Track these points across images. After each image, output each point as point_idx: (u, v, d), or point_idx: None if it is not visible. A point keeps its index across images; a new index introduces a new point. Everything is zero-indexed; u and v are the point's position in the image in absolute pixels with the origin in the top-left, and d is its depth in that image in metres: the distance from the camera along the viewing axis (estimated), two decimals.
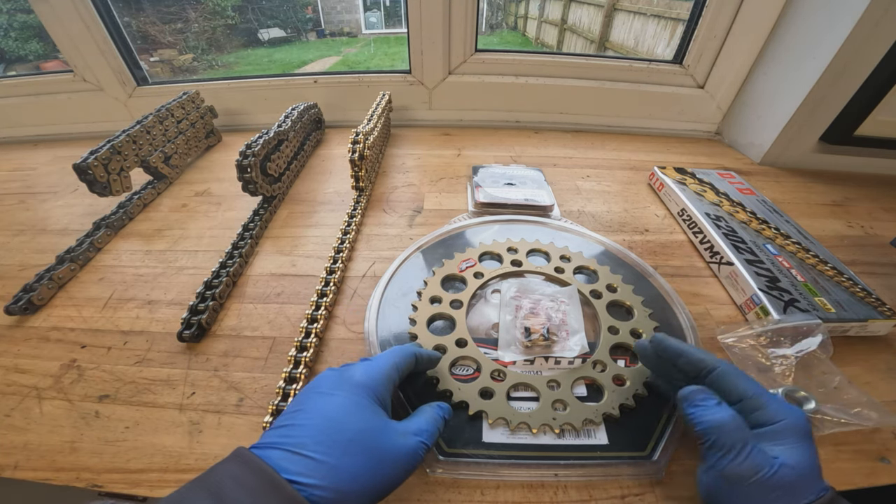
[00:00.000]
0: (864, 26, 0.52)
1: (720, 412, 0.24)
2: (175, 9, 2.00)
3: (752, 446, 0.23)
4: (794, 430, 0.23)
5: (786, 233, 0.48)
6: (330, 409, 0.23)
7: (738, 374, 0.26)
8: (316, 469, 0.20)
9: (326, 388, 0.25)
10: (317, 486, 0.20)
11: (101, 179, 0.49)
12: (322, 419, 0.23)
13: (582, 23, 3.51)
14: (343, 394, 0.24)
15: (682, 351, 0.29)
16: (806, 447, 0.23)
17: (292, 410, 0.24)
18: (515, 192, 0.55)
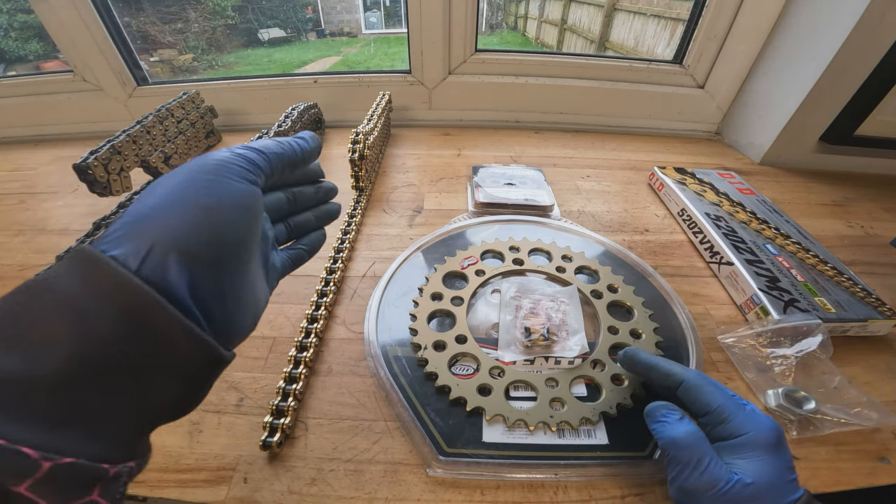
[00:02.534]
0: (864, 26, 0.52)
1: (679, 427, 0.25)
2: (175, 9, 2.00)
3: (708, 460, 0.23)
4: (756, 442, 0.23)
5: (786, 233, 0.48)
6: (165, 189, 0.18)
7: (703, 386, 0.26)
8: (120, 224, 0.16)
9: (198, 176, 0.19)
10: (119, 236, 0.16)
11: (101, 179, 0.49)
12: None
13: (582, 23, 3.51)
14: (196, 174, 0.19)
15: (651, 365, 0.29)
16: (770, 459, 0.23)
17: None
18: (515, 192, 0.55)
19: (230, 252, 0.18)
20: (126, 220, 0.16)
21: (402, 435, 0.30)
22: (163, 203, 0.17)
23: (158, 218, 0.16)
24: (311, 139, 0.25)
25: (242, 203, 0.19)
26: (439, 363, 0.33)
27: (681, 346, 0.37)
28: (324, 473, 0.28)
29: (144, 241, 0.16)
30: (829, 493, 0.28)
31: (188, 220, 0.16)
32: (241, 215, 0.18)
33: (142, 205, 0.17)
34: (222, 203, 0.18)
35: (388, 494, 0.27)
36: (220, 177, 0.18)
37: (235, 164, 0.19)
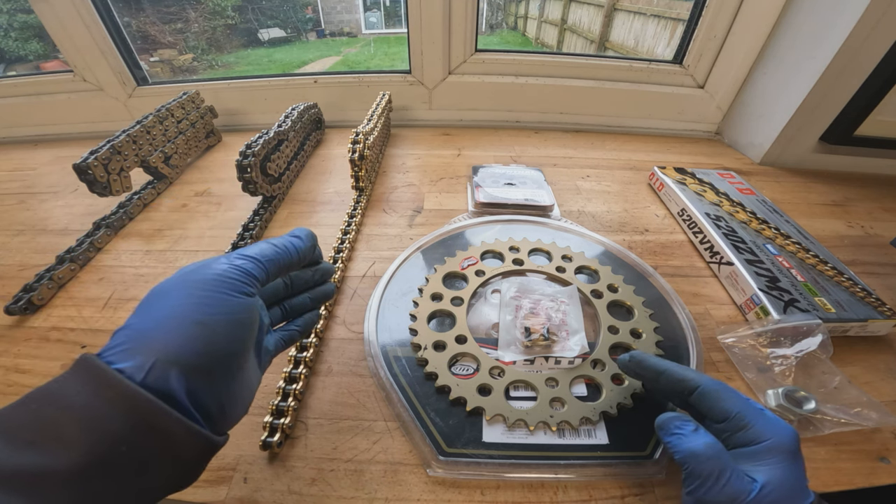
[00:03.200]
0: (864, 26, 0.52)
1: (696, 440, 0.24)
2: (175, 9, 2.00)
3: (729, 473, 0.22)
4: (778, 449, 0.23)
5: (786, 233, 0.48)
6: (162, 302, 0.20)
7: (720, 392, 0.26)
8: (125, 337, 0.18)
9: (178, 284, 0.21)
10: (124, 350, 0.18)
11: (101, 179, 0.49)
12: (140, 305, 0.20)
13: (582, 23, 3.51)
14: (193, 287, 0.20)
15: (662, 370, 0.28)
16: (790, 466, 0.23)
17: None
18: (515, 192, 0.55)
19: (224, 363, 0.20)
20: (129, 334, 0.18)
21: (402, 435, 0.30)
22: (163, 321, 0.19)
23: (160, 336, 0.18)
24: (306, 237, 0.26)
25: (237, 319, 0.20)
26: (439, 363, 0.33)
27: (681, 346, 0.37)
28: (324, 473, 0.28)
29: (147, 356, 0.18)
30: (829, 493, 0.28)
31: (186, 337, 0.18)
32: (235, 329, 0.20)
33: (143, 319, 0.19)
34: (217, 320, 0.19)
35: (388, 494, 0.27)
36: (217, 292, 0.20)
37: (232, 279, 0.21)
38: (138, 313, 0.19)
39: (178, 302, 0.19)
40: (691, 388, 0.26)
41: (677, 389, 0.27)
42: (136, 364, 0.17)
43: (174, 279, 0.20)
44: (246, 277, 0.21)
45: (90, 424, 0.16)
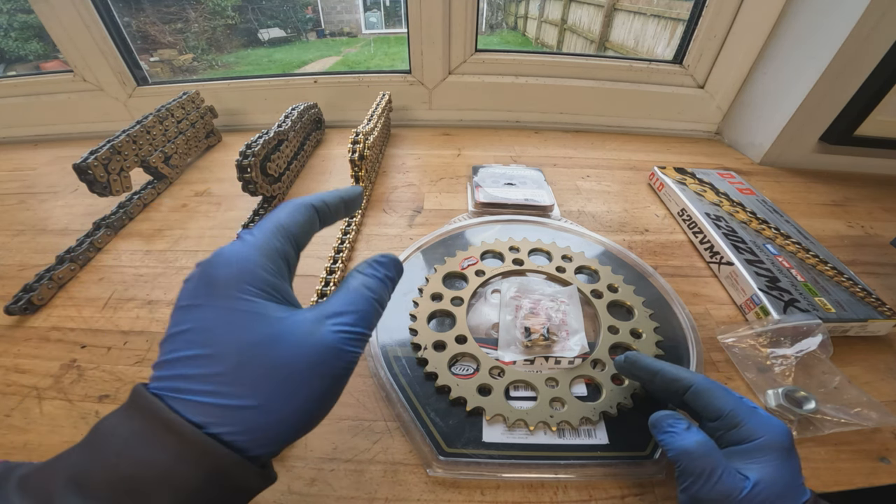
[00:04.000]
0: (864, 26, 0.52)
1: (688, 437, 0.24)
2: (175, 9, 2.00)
3: (721, 470, 0.22)
4: (770, 447, 0.23)
5: (786, 233, 0.48)
6: (202, 329, 0.17)
7: (713, 390, 0.26)
8: (214, 411, 0.16)
9: (199, 301, 0.18)
10: (228, 432, 0.16)
11: (101, 179, 0.49)
12: (195, 346, 0.17)
13: (582, 23, 3.51)
14: (209, 303, 0.17)
15: (656, 369, 0.28)
16: (783, 463, 0.23)
17: (170, 335, 0.17)
18: (515, 192, 0.55)
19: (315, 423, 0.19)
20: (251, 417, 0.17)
21: (402, 435, 0.30)
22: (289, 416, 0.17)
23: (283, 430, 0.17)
24: (396, 273, 0.24)
25: (338, 364, 0.18)
26: (439, 363, 0.33)
27: (681, 346, 0.37)
28: (324, 473, 0.28)
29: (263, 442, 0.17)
30: (829, 493, 0.28)
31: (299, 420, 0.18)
32: (334, 377, 0.18)
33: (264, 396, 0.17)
34: (329, 404, 0.19)
35: (388, 494, 0.27)
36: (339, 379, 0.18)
37: (353, 351, 0.19)
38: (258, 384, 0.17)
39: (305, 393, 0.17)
40: (685, 387, 0.27)
41: (672, 389, 0.27)
42: (240, 434, 0.16)
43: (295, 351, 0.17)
44: (361, 344, 0.19)
45: (176, 489, 0.15)
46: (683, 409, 0.28)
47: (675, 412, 0.26)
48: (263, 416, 0.16)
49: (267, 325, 0.17)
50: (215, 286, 0.17)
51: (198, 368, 0.16)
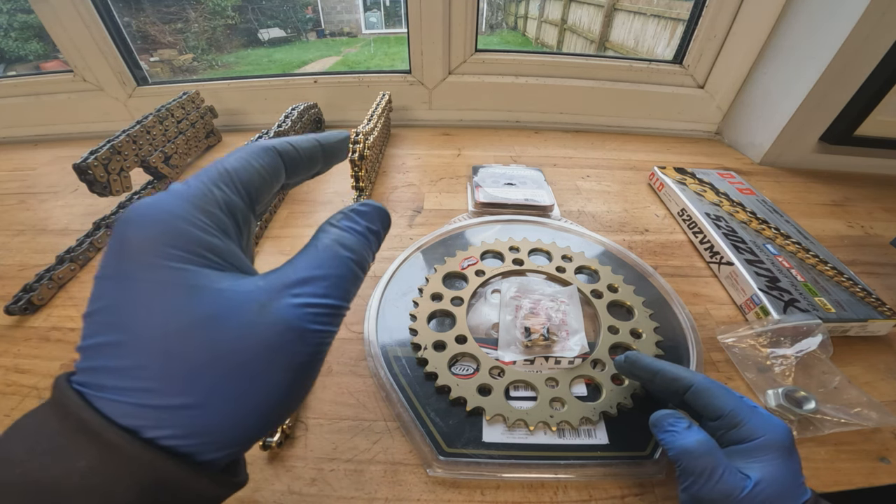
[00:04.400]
0: (864, 26, 0.52)
1: (689, 437, 0.24)
2: (175, 9, 2.00)
3: (722, 469, 0.22)
4: (771, 446, 0.23)
5: (786, 233, 0.48)
6: (121, 305, 0.13)
7: (713, 389, 0.26)
8: (154, 414, 0.13)
9: (112, 271, 0.14)
10: (168, 436, 0.13)
11: (101, 179, 0.49)
12: (124, 329, 0.13)
13: (582, 23, 3.51)
14: (123, 273, 0.13)
15: (657, 369, 0.28)
16: (784, 462, 0.23)
17: (87, 314, 0.14)
18: (515, 192, 0.55)
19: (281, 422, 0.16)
20: (184, 415, 0.13)
21: (402, 435, 0.30)
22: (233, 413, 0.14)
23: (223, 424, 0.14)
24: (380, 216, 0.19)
25: (298, 351, 0.14)
26: (439, 363, 0.33)
27: (681, 346, 0.37)
28: (324, 473, 0.28)
29: (196, 436, 0.14)
30: (829, 493, 0.28)
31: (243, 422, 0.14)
32: (295, 367, 0.14)
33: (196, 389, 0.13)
34: (270, 366, 0.14)
35: (388, 494, 0.27)
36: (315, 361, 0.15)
37: (322, 330, 0.15)
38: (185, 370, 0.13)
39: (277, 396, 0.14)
40: (685, 386, 0.27)
41: (672, 389, 0.27)
42: (170, 435, 0.13)
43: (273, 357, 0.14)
44: (331, 324, 0.15)
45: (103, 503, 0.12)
46: (684, 408, 0.28)
47: (675, 411, 0.26)
48: (209, 415, 0.13)
49: (203, 301, 0.13)
50: (129, 252, 0.13)
51: (118, 360, 0.13)
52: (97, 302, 0.14)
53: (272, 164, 0.17)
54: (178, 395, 0.13)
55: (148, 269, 0.13)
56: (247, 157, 0.16)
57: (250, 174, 0.16)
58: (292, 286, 0.14)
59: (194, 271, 0.14)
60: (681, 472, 0.24)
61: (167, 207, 0.14)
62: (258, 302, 0.14)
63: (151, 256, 0.13)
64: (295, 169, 0.18)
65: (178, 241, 0.13)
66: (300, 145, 0.18)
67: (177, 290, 0.13)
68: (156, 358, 0.13)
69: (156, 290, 0.13)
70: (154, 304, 0.13)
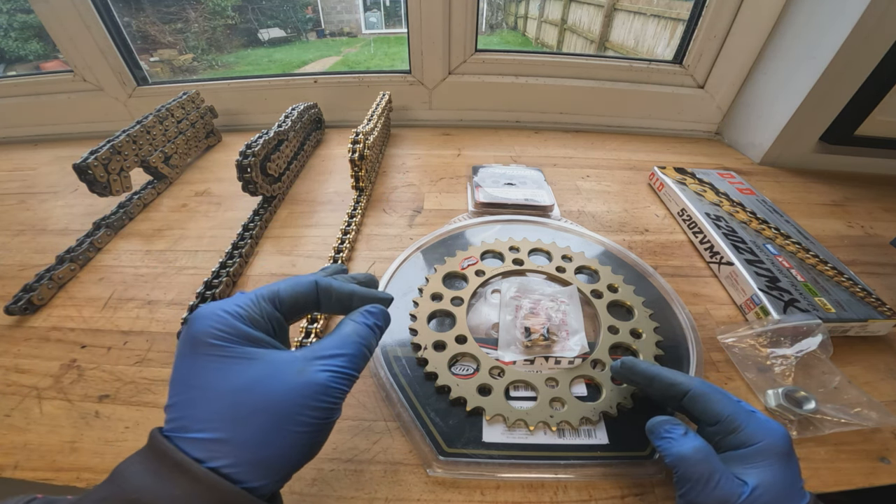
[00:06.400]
0: (864, 26, 0.52)
1: (686, 443, 0.24)
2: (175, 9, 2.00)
3: (719, 476, 0.22)
4: (769, 451, 0.23)
5: (786, 233, 0.48)
6: (192, 375, 0.19)
7: (711, 394, 0.26)
8: (215, 449, 0.18)
9: (181, 349, 0.20)
10: (225, 465, 0.18)
11: (101, 179, 0.49)
12: (192, 390, 0.19)
13: (582, 23, 3.51)
14: (194, 352, 0.20)
15: (653, 375, 0.28)
16: (782, 467, 0.23)
17: (172, 381, 0.20)
18: (515, 192, 0.55)
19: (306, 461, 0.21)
20: (232, 450, 0.18)
21: (402, 435, 0.30)
22: (275, 447, 0.19)
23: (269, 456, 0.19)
24: (385, 322, 0.25)
25: (325, 402, 0.20)
26: (439, 363, 0.33)
27: (681, 346, 0.37)
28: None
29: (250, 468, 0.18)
30: (828, 493, 0.28)
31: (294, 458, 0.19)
32: (322, 412, 0.20)
33: (247, 430, 0.19)
34: (318, 441, 0.20)
35: (388, 494, 0.27)
36: (323, 415, 0.20)
37: (340, 388, 0.20)
38: (240, 417, 0.18)
39: (287, 427, 0.19)
40: (682, 392, 0.27)
41: (669, 394, 0.27)
42: (229, 465, 0.18)
43: (278, 387, 0.19)
44: (348, 384, 0.21)
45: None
46: (683, 412, 0.28)
47: (672, 417, 0.26)
48: (258, 448, 0.18)
49: (257, 366, 0.19)
50: (192, 339, 0.20)
51: (196, 409, 0.19)
52: (178, 372, 0.20)
53: (310, 298, 0.23)
54: (238, 432, 0.18)
55: (213, 347, 0.19)
56: (294, 286, 0.23)
57: (293, 299, 0.23)
58: (323, 358, 0.21)
59: (246, 349, 0.20)
60: (678, 478, 0.24)
61: (221, 308, 0.21)
62: (298, 367, 0.20)
63: (208, 339, 0.19)
64: (327, 306, 0.24)
65: (229, 331, 0.20)
66: (337, 291, 0.24)
67: (236, 359, 0.19)
68: (225, 405, 0.18)
69: (220, 359, 0.19)
70: (220, 368, 0.19)
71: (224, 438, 0.18)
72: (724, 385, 0.35)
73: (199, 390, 0.19)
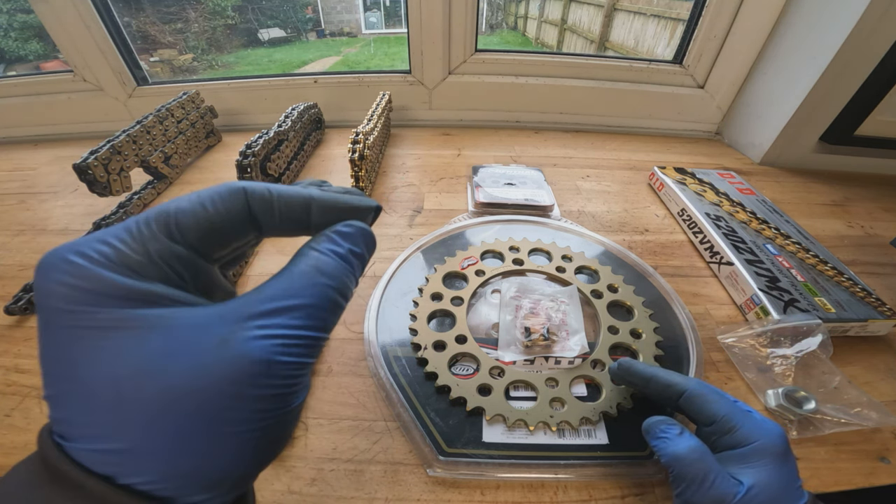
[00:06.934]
0: (864, 26, 0.52)
1: (681, 443, 0.24)
2: (175, 9, 2.00)
3: (714, 475, 0.22)
4: (765, 451, 0.23)
5: (786, 233, 0.48)
6: (60, 358, 0.12)
7: (707, 395, 0.26)
8: (121, 461, 0.12)
9: (38, 318, 0.13)
10: (144, 482, 0.12)
11: (101, 179, 0.49)
12: (66, 381, 0.12)
13: (582, 23, 3.51)
14: (47, 319, 0.13)
15: (650, 376, 0.28)
16: (778, 467, 0.23)
17: (42, 357, 0.13)
18: (515, 192, 0.55)
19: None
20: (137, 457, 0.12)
21: (402, 435, 0.30)
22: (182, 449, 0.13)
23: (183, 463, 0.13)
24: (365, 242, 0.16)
25: (268, 385, 0.13)
26: (439, 363, 0.33)
27: (681, 346, 0.37)
28: (324, 473, 0.28)
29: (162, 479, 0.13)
30: (829, 493, 0.28)
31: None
32: (264, 402, 0.13)
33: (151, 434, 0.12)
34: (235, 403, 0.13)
35: (388, 494, 0.27)
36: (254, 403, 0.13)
37: (293, 362, 0.13)
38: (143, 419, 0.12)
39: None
40: (678, 392, 0.27)
41: (666, 394, 0.27)
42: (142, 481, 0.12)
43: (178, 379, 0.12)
44: (305, 355, 0.14)
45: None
46: (680, 413, 0.28)
47: (667, 417, 0.27)
48: (178, 459, 0.12)
49: (149, 340, 0.12)
50: (40, 301, 0.13)
51: (72, 410, 0.12)
52: (42, 353, 0.13)
53: (232, 209, 0.14)
54: (138, 442, 0.12)
55: (68, 314, 0.12)
56: (200, 199, 0.14)
57: (203, 219, 0.14)
58: (257, 317, 0.13)
59: (130, 312, 0.12)
60: (673, 478, 0.24)
61: (80, 248, 0.13)
62: (219, 334, 0.13)
63: (68, 302, 0.12)
64: (269, 221, 0.15)
65: (97, 285, 0.12)
66: (283, 195, 0.15)
67: (111, 330, 0.12)
68: (108, 407, 0.12)
69: (85, 333, 0.12)
70: (89, 347, 0.12)
71: (123, 449, 0.12)
72: (724, 385, 0.35)
73: (69, 382, 0.12)
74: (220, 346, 0.12)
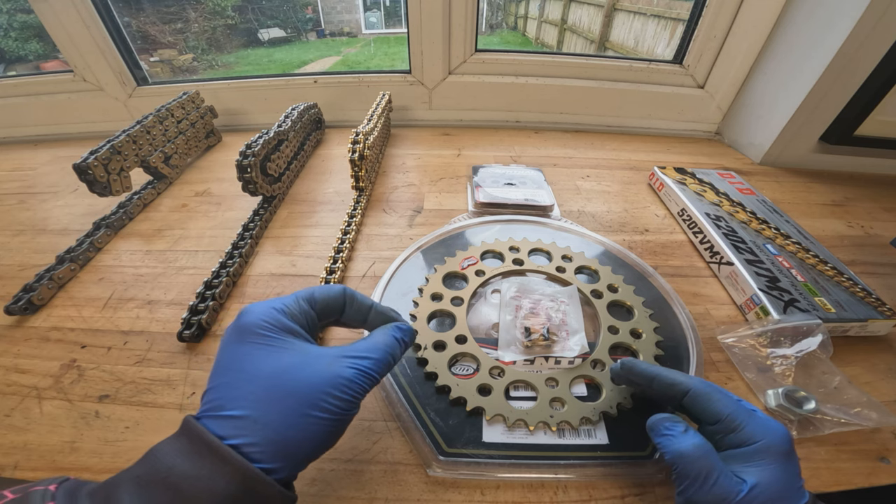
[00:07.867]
0: (863, 26, 0.52)
1: (685, 441, 0.24)
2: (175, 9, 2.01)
3: (717, 473, 0.22)
4: (769, 450, 0.23)
5: (786, 233, 0.48)
6: (235, 360, 0.22)
7: (711, 394, 0.26)
8: (244, 427, 0.20)
9: (227, 339, 0.23)
10: (249, 443, 0.19)
11: (101, 179, 0.49)
12: (232, 373, 0.21)
13: (582, 23, 3.51)
14: (236, 341, 0.22)
15: (653, 375, 0.28)
16: (782, 466, 0.23)
17: (212, 370, 0.22)
18: (515, 192, 0.55)
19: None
20: (258, 429, 0.20)
21: (402, 435, 0.30)
22: (290, 425, 0.21)
23: (289, 439, 0.20)
24: (410, 338, 0.27)
25: (350, 394, 0.22)
26: (439, 363, 0.33)
27: (681, 346, 0.37)
28: (324, 473, 0.28)
29: (276, 457, 0.20)
30: (829, 493, 0.28)
31: (305, 441, 0.21)
32: (346, 404, 0.22)
33: (270, 412, 0.20)
34: (337, 428, 0.22)
35: (388, 494, 0.27)
36: (341, 399, 0.21)
37: (362, 385, 0.23)
38: (264, 399, 0.20)
39: (302, 407, 0.20)
40: (682, 391, 0.27)
41: (669, 394, 0.27)
42: (257, 452, 0.19)
43: (302, 372, 0.21)
44: (368, 384, 0.23)
45: (215, 496, 0.18)
46: (683, 412, 0.28)
47: (672, 415, 0.26)
48: (280, 429, 0.20)
49: (291, 355, 0.22)
50: (240, 328, 0.23)
51: (233, 390, 0.21)
52: (221, 359, 0.22)
53: (338, 302, 0.26)
54: (267, 413, 0.20)
55: (259, 336, 0.22)
56: (327, 290, 0.26)
57: (325, 300, 0.26)
58: (352, 357, 0.23)
59: (289, 341, 0.23)
60: (676, 475, 0.24)
61: (267, 305, 0.24)
62: (328, 360, 0.22)
63: (256, 329, 0.22)
64: (349, 314, 0.27)
65: (273, 322, 0.23)
66: (359, 301, 0.27)
67: (277, 347, 0.22)
68: (260, 388, 0.21)
69: (264, 347, 0.22)
70: (262, 354, 0.22)
71: (251, 416, 0.20)
72: (724, 385, 0.35)
73: (240, 373, 0.21)
74: (328, 365, 0.22)
